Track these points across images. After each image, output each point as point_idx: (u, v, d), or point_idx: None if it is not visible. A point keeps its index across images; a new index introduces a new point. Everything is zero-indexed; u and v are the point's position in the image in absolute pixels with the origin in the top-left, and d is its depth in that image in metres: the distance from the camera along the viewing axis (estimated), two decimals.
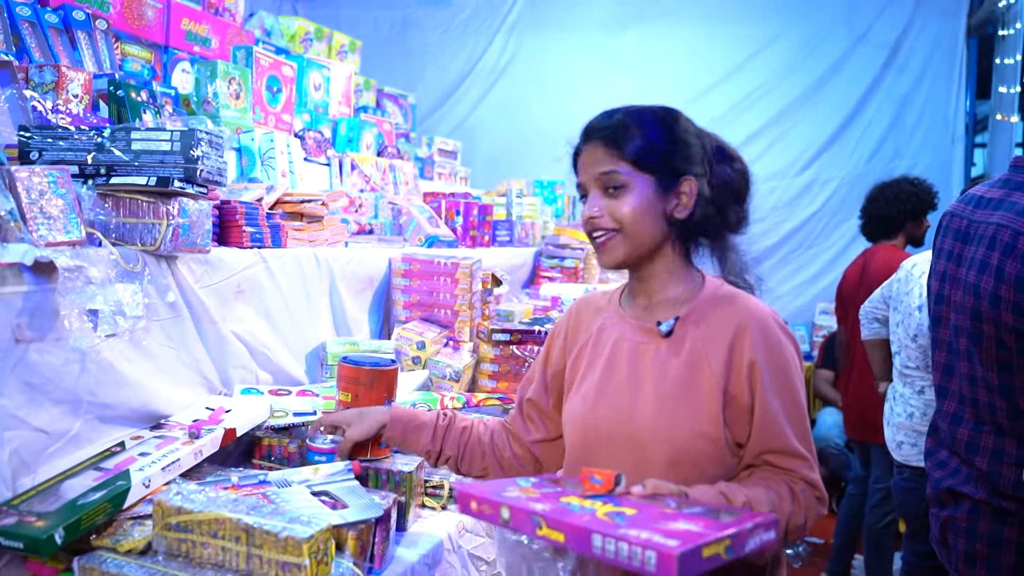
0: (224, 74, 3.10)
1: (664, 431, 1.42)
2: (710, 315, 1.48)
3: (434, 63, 6.81)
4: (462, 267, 2.76)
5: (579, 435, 1.53)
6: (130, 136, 1.79)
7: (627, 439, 1.45)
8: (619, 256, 1.48)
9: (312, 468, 1.73)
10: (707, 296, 1.51)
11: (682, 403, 1.43)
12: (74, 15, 2.93)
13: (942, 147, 5.88)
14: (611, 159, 1.45)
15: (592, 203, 1.48)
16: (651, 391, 1.45)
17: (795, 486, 1.40)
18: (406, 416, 1.75)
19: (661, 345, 1.48)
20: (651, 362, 1.48)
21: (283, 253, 2.29)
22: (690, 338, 1.46)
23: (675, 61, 6.31)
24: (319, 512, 1.54)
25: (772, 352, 1.44)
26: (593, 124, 1.51)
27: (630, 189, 1.45)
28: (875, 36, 5.95)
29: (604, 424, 1.48)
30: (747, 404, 1.42)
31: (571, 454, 1.56)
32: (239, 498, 1.47)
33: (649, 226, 1.47)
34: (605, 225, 1.46)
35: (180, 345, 1.94)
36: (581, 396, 1.54)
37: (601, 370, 1.53)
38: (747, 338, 1.44)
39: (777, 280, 6.19)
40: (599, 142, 1.47)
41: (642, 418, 1.44)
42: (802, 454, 1.43)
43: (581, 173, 1.51)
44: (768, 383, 1.42)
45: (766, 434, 1.42)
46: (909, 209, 3.75)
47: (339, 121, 4.00)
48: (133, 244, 1.78)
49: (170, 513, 1.43)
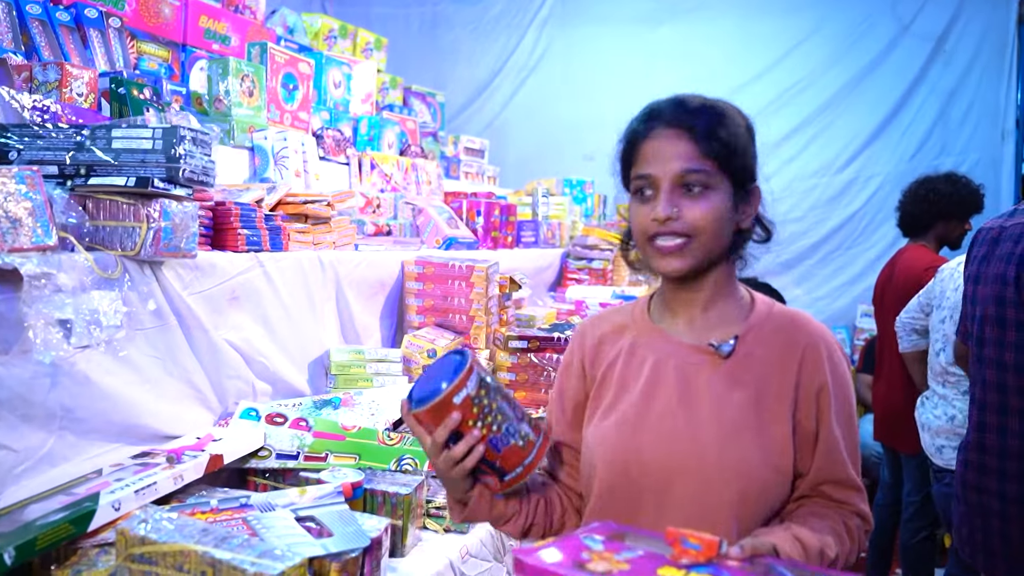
0: (236, 71, 3.00)
1: (734, 463, 1.24)
2: (771, 335, 1.33)
3: (464, 60, 6.70)
4: (477, 270, 2.63)
5: (616, 467, 1.31)
6: (111, 135, 1.69)
7: (686, 472, 1.25)
8: (687, 266, 1.28)
9: (299, 490, 1.61)
10: (763, 314, 1.36)
11: (751, 431, 1.26)
12: (86, 13, 2.86)
13: (991, 143, 5.60)
14: (697, 154, 1.25)
15: (666, 201, 1.25)
16: (710, 417, 1.27)
17: (850, 522, 1.28)
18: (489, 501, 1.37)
19: (719, 366, 1.30)
20: (707, 385, 1.29)
21: (283, 257, 2.18)
22: (752, 359, 1.30)
23: (711, 56, 6.11)
24: (299, 542, 1.42)
25: (838, 376, 1.31)
26: (669, 108, 1.30)
27: (712, 192, 1.26)
28: (920, 27, 5.68)
29: (650, 453, 1.28)
30: (812, 431, 1.29)
31: (603, 489, 1.32)
32: (209, 527, 1.34)
33: (723, 236, 1.30)
34: (680, 230, 1.25)
35: (167, 356, 1.83)
36: (616, 421, 1.33)
37: (640, 393, 1.33)
38: (816, 360, 1.30)
39: (817, 281, 5.99)
40: (683, 131, 1.26)
41: (706, 447, 1.25)
42: (858, 485, 1.31)
43: (649, 164, 1.28)
44: (835, 409, 1.29)
45: (828, 463, 1.29)
46: (939, 210, 3.54)
47: (360, 119, 3.89)
48: (113, 249, 1.67)
49: (133, 543, 1.31)
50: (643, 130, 1.30)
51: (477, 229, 3.44)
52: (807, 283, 6.04)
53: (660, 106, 1.31)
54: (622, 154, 1.35)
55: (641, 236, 1.30)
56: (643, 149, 1.29)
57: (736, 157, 1.28)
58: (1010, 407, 1.92)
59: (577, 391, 1.43)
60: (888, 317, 3.62)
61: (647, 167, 1.28)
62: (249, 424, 1.90)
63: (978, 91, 5.63)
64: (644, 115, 1.32)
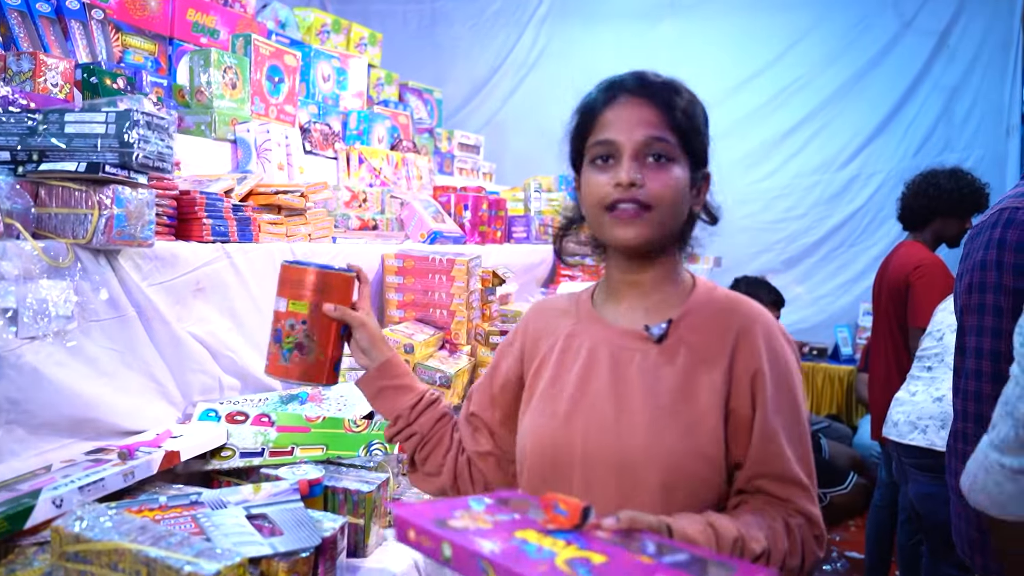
0: (218, 63, 2.95)
1: (659, 450, 1.20)
2: (707, 318, 1.28)
3: (463, 57, 6.66)
4: (458, 264, 2.57)
5: (546, 455, 1.28)
6: (64, 119, 1.63)
7: (612, 459, 1.22)
8: (644, 235, 1.22)
9: (253, 487, 1.55)
10: (702, 297, 1.31)
11: (679, 418, 1.21)
12: (68, 4, 2.81)
13: (996, 139, 5.52)
14: (662, 124, 1.22)
15: (630, 167, 1.21)
16: (641, 404, 1.23)
17: (791, 520, 1.20)
18: (399, 369, 1.45)
19: (651, 352, 1.26)
20: (638, 371, 1.25)
21: (252, 248, 2.11)
22: (685, 344, 1.26)
23: (712, 52, 6.06)
24: (246, 541, 1.36)
25: (777, 361, 1.25)
26: (632, 80, 1.26)
27: (674, 165, 1.23)
28: (922, 22, 5.62)
29: (580, 441, 1.25)
30: (748, 418, 1.22)
31: (533, 479, 1.31)
32: (148, 525, 1.28)
33: (679, 213, 1.26)
34: (640, 197, 1.21)
35: (126, 348, 1.77)
36: (548, 412, 1.30)
37: (575, 381, 1.30)
38: (751, 344, 1.24)
39: (819, 279, 5.93)
40: (649, 100, 1.23)
41: (632, 435, 1.21)
42: (802, 481, 1.22)
43: (611, 130, 1.24)
44: (772, 396, 1.22)
45: (764, 454, 1.21)
46: (938, 206, 3.45)
47: (349, 113, 3.84)
48: (65, 237, 1.61)
49: (68, 541, 1.25)
50: (604, 99, 1.26)
51: (464, 223, 3.38)
52: (809, 281, 5.98)
53: (621, 78, 1.28)
54: (577, 127, 1.31)
55: (597, 206, 1.25)
56: (604, 117, 1.25)
57: (696, 136, 1.26)
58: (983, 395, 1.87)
59: (510, 370, 1.42)
60: (881, 315, 3.55)
61: (608, 133, 1.24)
62: (210, 425, 1.84)
63: (982, 87, 5.56)
64: (604, 86, 1.28)
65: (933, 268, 3.27)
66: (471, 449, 1.45)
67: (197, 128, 2.87)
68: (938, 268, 3.27)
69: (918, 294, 3.25)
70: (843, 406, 5.55)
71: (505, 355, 1.45)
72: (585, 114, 1.29)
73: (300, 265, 1.41)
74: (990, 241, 1.75)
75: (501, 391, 1.43)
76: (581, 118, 1.30)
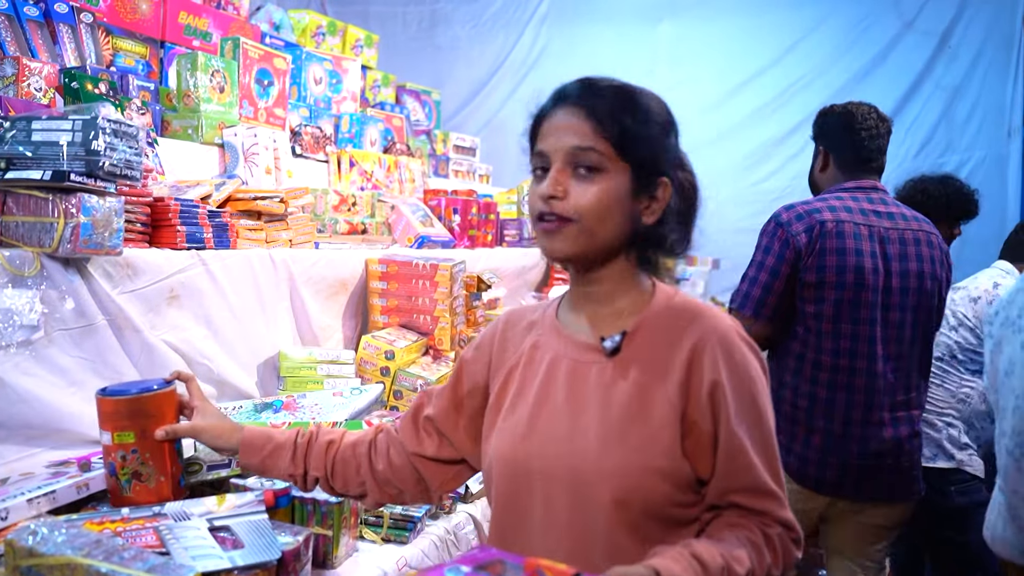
0: (205, 67, 2.94)
1: (610, 465, 1.17)
2: (663, 329, 1.24)
3: (463, 58, 6.63)
4: (441, 269, 2.55)
5: (508, 474, 1.27)
6: (31, 127, 1.62)
7: (565, 476, 1.20)
8: (568, 250, 1.20)
9: (218, 498, 1.53)
10: (659, 307, 1.26)
11: (632, 432, 1.18)
12: (56, 8, 2.81)
13: (997, 140, 5.46)
14: (591, 134, 1.18)
15: (554, 179, 1.19)
16: (594, 418, 1.20)
17: (770, 531, 1.18)
18: (260, 439, 1.47)
19: (606, 365, 1.23)
20: (594, 384, 1.23)
21: (229, 255, 2.10)
22: (640, 356, 1.23)
23: (711, 53, 6.02)
24: (206, 554, 1.34)
25: (737, 371, 1.20)
26: (575, 87, 1.24)
27: (604, 175, 1.19)
28: (924, 23, 5.56)
29: (537, 459, 1.23)
30: (710, 432, 1.18)
31: (499, 497, 1.29)
32: (103, 539, 1.27)
33: (613, 224, 1.21)
34: (562, 210, 1.18)
35: (96, 357, 1.77)
36: (510, 428, 1.28)
37: (534, 396, 1.27)
38: (707, 355, 1.20)
39: None
40: (580, 109, 1.20)
41: (583, 450, 1.19)
42: (774, 491, 1.20)
43: (544, 139, 1.22)
44: (734, 408, 1.19)
45: (732, 467, 1.18)
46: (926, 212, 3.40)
47: (341, 116, 3.82)
48: (32, 246, 1.61)
49: (21, 555, 1.24)
50: (548, 108, 1.24)
51: (454, 227, 3.36)
52: None
53: (568, 86, 1.25)
54: (529, 133, 1.28)
55: (532, 217, 1.23)
56: (543, 126, 1.24)
57: (639, 143, 1.20)
58: None
59: (477, 376, 1.39)
60: None
61: (542, 143, 1.23)
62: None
63: (983, 88, 5.50)
64: (553, 94, 1.26)
65: None
66: (412, 449, 1.44)
67: (184, 132, 2.86)
68: None
69: None
70: None
71: (473, 360, 1.41)
72: (533, 123, 1.27)
73: (113, 396, 1.44)
74: None
75: (469, 396, 1.40)
76: (532, 125, 1.28)
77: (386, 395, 2.36)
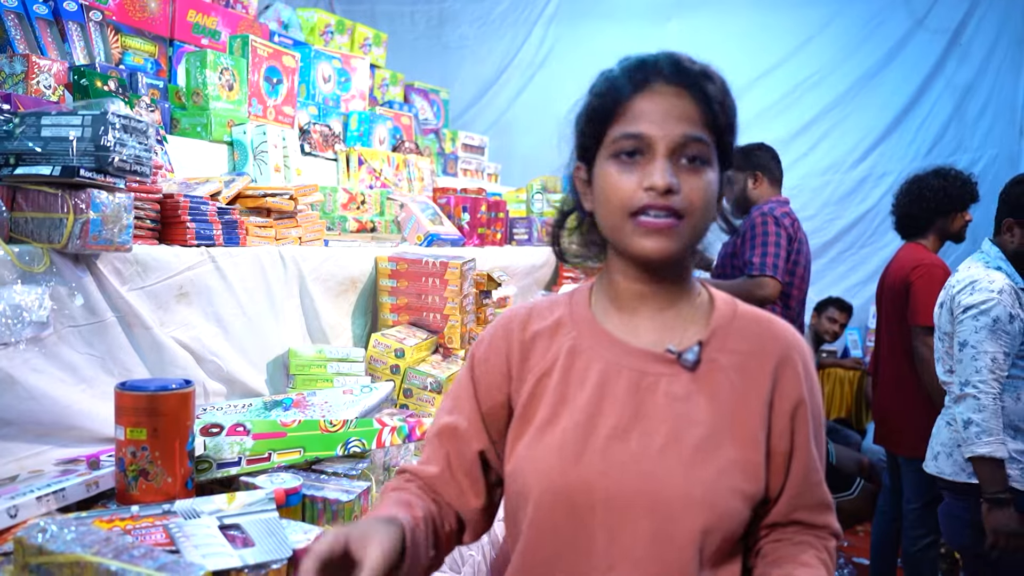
0: (214, 64, 2.93)
1: (702, 494, 1.05)
2: (738, 341, 1.14)
3: (471, 57, 6.63)
4: (451, 267, 2.54)
5: (553, 502, 1.09)
6: (40, 122, 1.61)
7: (643, 503, 1.05)
8: (676, 250, 1.06)
9: (228, 496, 1.52)
10: (727, 314, 1.16)
11: (719, 454, 1.07)
12: (65, 6, 2.80)
13: (1009, 138, 5.45)
14: (701, 121, 1.05)
15: (666, 170, 1.03)
16: (670, 440, 1.07)
17: (829, 544, 1.15)
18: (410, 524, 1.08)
19: (676, 377, 1.11)
20: (666, 401, 1.09)
21: (239, 252, 2.09)
22: (719, 369, 1.11)
23: (721, 51, 5.87)
24: (217, 552, 1.33)
25: (814, 388, 1.15)
26: (672, 64, 1.07)
27: (709, 168, 1.07)
28: (935, 20, 5.55)
29: (600, 486, 1.06)
30: (785, 452, 1.12)
31: (535, 526, 1.11)
32: (113, 536, 1.26)
33: (709, 224, 1.11)
34: (676, 206, 1.04)
35: (106, 354, 1.76)
36: (553, 447, 1.10)
37: (584, 411, 1.11)
38: (792, 373, 1.13)
39: (828, 281, 5.86)
40: (685, 91, 1.06)
41: (667, 477, 1.05)
42: (831, 503, 1.17)
43: (643, 122, 1.05)
44: (812, 427, 1.13)
45: (806, 487, 1.14)
46: (934, 207, 3.41)
47: (350, 115, 3.82)
48: (41, 242, 1.60)
49: (31, 552, 1.23)
50: (634, 83, 1.07)
51: (463, 225, 3.35)
52: (818, 283, 5.90)
53: (654, 58, 1.09)
54: (595, 111, 1.10)
55: (620, 210, 1.06)
56: (635, 104, 1.06)
57: (730, 134, 1.10)
58: None
59: (497, 390, 1.19)
60: (884, 319, 3.52)
61: (640, 125, 1.05)
62: None
63: (995, 86, 5.48)
64: (634, 66, 1.09)
65: (932, 268, 3.25)
66: (465, 508, 1.21)
67: (193, 130, 2.85)
68: (938, 268, 3.24)
69: (918, 292, 3.22)
70: (852, 409, 5.48)
71: (486, 372, 1.21)
72: (607, 98, 1.09)
73: (132, 391, 1.42)
74: None
75: (491, 416, 1.20)
76: (601, 102, 1.10)
77: (396, 393, 2.34)
